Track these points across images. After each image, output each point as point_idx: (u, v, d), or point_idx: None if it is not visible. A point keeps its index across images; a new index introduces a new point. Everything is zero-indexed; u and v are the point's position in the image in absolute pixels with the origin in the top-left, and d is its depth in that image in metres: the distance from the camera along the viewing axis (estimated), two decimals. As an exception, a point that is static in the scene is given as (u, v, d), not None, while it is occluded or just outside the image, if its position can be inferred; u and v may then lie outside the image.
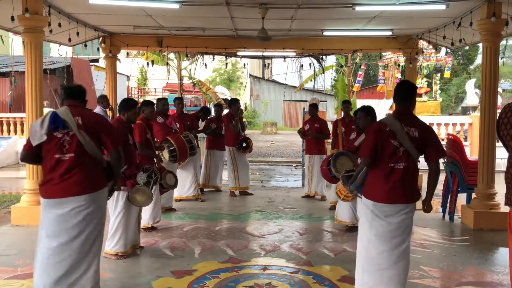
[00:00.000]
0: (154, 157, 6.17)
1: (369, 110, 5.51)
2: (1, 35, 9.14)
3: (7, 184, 11.17)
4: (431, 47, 14.01)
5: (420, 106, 15.51)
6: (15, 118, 14.96)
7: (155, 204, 6.33)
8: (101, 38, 10.09)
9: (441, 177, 7.42)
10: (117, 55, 10.56)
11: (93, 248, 3.90)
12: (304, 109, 10.81)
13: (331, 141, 8.73)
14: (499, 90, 9.62)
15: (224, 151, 9.48)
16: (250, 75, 34.41)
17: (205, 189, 9.56)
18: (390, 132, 3.81)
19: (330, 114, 21.66)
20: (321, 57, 12.84)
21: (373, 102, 21.39)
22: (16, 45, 18.14)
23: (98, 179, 3.96)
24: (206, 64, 12.56)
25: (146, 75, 25.04)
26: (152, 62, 12.46)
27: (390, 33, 9.58)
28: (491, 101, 7.03)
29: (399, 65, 16.22)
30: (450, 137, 7.96)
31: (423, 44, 12.16)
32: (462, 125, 14.25)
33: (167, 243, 6.05)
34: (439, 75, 18.07)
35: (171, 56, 15.18)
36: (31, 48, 6.93)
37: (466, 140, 13.82)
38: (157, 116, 7.55)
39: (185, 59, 14.14)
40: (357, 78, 17.02)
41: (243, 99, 29.58)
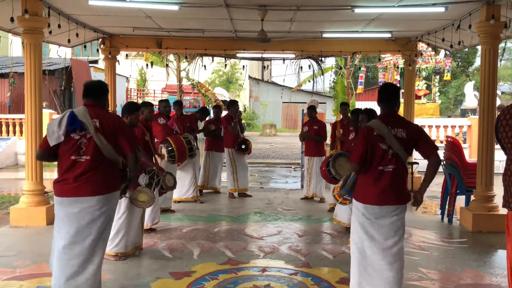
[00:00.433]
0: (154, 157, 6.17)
1: (371, 112, 5.54)
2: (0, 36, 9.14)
3: (6, 185, 11.17)
4: (430, 49, 14.01)
5: (419, 108, 15.49)
6: (14, 119, 14.92)
7: (154, 205, 6.32)
8: (100, 40, 10.09)
9: (439, 180, 7.48)
10: (117, 56, 10.56)
11: (99, 249, 3.91)
12: (303, 111, 10.82)
13: (330, 142, 8.74)
14: (498, 92, 9.63)
15: (223, 153, 9.49)
16: (249, 76, 34.37)
17: (204, 191, 9.56)
18: (378, 136, 3.84)
19: (329, 116, 21.63)
20: (320, 59, 12.85)
21: (373, 104, 21.30)
22: (15, 46, 18.13)
23: (112, 181, 3.97)
24: (205, 66, 12.57)
25: (146, 76, 25.03)
26: (152, 63, 12.47)
27: (389, 35, 9.60)
28: (490, 103, 7.04)
29: (398, 67, 16.22)
30: (449, 139, 7.96)
31: (422, 46, 12.19)
32: (461, 127, 14.24)
33: (166, 244, 6.05)
34: (438, 77, 18.08)
35: (171, 57, 15.18)
36: (31, 49, 6.94)
37: (465, 142, 13.81)
38: (159, 117, 7.59)
39: (184, 60, 14.15)
40: (359, 80, 17.02)
41: (242, 101, 29.60)
